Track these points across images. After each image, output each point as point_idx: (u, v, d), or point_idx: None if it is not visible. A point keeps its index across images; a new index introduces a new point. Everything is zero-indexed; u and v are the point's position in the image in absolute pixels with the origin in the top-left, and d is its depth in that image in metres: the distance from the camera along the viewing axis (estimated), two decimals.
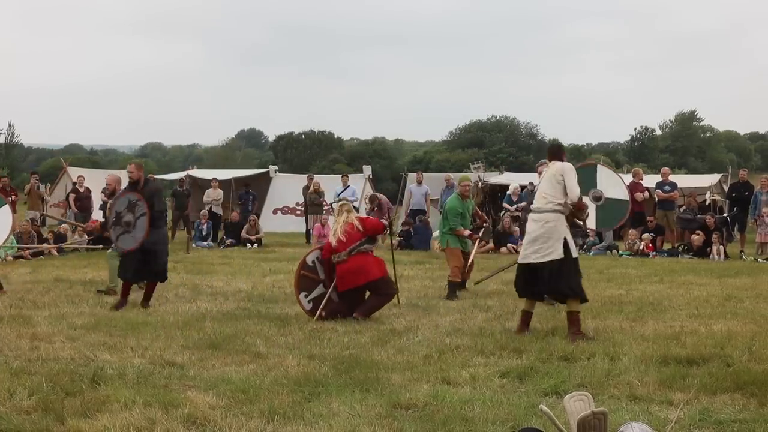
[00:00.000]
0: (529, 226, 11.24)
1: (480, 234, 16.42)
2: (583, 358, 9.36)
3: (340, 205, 13.36)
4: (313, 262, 12.88)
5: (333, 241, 12.61)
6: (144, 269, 13.56)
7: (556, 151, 11.60)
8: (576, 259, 11.07)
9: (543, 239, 10.87)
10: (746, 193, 25.83)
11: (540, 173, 12.28)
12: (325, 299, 12.51)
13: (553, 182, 11.04)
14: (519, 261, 11.36)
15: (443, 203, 27.93)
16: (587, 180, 13.23)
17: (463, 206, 15.54)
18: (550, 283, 10.90)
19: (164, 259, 13.77)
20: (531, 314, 11.28)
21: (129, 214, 13.26)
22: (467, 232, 15.45)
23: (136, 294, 13.99)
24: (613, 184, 13.69)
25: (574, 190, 10.92)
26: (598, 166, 14.31)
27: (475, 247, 16.21)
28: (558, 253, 10.78)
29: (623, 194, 13.81)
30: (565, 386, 7.97)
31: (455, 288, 14.91)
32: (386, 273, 12.75)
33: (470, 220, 15.79)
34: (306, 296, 12.63)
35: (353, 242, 12.45)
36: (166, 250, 13.96)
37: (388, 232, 14.45)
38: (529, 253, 10.99)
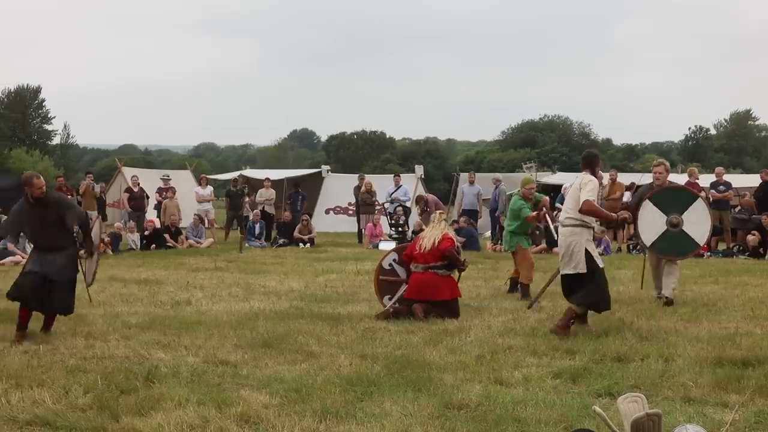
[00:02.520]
0: (559, 239, 11.45)
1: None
2: (637, 360, 9.28)
3: (439, 213, 13.43)
4: (390, 264, 12.94)
5: (426, 246, 12.54)
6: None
7: (589, 161, 11.39)
8: (601, 269, 11.09)
9: (568, 253, 11.02)
10: None
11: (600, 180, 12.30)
12: (399, 293, 12.63)
13: (575, 195, 11.04)
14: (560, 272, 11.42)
15: (493, 204, 28.06)
16: (678, 203, 13.42)
17: (524, 206, 14.91)
18: (570, 290, 11.15)
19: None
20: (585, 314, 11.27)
21: None
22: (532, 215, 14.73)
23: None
24: (698, 222, 13.44)
25: (580, 202, 10.89)
26: (700, 200, 13.77)
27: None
28: (581, 267, 10.92)
29: (700, 238, 13.58)
30: (619, 387, 7.91)
31: (528, 290, 14.49)
32: (457, 295, 12.65)
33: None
34: (390, 299, 12.71)
35: (433, 257, 12.38)
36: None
37: (461, 271, 13.26)
38: (563, 265, 11.18)
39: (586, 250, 10.91)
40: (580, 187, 10.97)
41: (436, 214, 13.52)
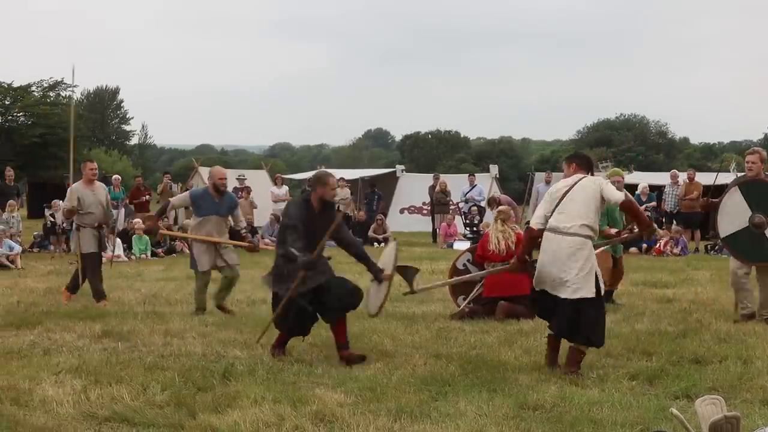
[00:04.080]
0: (551, 246, 8.86)
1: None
2: (715, 361, 9.16)
3: (498, 211, 13.37)
4: (464, 265, 12.94)
5: (500, 247, 12.51)
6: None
7: (590, 164, 9.47)
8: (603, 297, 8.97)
9: (581, 272, 8.65)
10: None
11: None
12: (473, 293, 12.62)
13: (586, 196, 8.87)
14: (538, 288, 9.03)
15: None
16: (764, 199, 11.74)
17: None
18: (571, 323, 8.75)
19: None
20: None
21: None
22: (613, 230, 12.80)
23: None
24: None
25: (613, 200, 8.91)
26: None
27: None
28: (592, 290, 8.68)
29: None
30: (696, 389, 7.82)
31: (609, 296, 12.93)
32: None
33: (621, 219, 13.51)
34: (464, 299, 12.71)
35: (510, 255, 12.33)
36: None
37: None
38: (557, 284, 8.75)
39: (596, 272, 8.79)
40: (597, 187, 8.88)
41: (495, 212, 13.44)
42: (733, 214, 11.93)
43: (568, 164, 9.38)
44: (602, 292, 8.79)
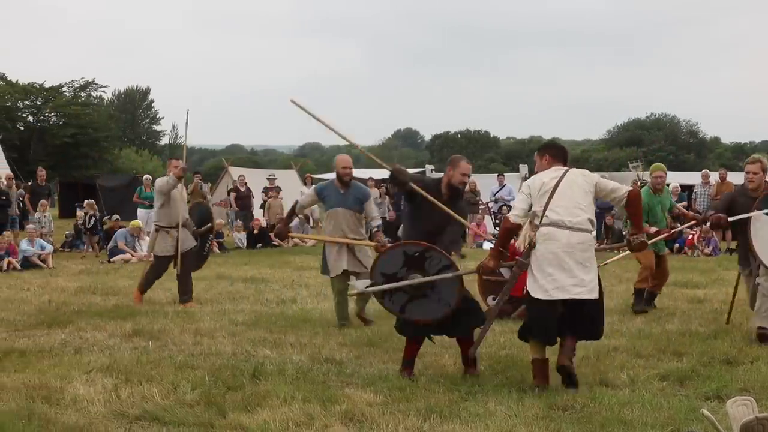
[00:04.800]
0: (560, 241, 8.16)
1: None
2: (746, 362, 9.10)
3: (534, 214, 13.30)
4: None
5: (524, 244, 12.50)
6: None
7: (567, 155, 8.77)
8: None
9: (592, 270, 8.14)
10: None
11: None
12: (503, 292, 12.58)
13: (581, 189, 8.30)
14: (556, 297, 8.06)
15: (599, 203, 27.73)
16: None
17: (653, 200, 13.06)
18: (585, 324, 8.21)
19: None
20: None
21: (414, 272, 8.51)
22: (653, 229, 12.39)
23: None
24: None
25: (614, 195, 8.34)
26: None
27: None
28: (596, 290, 8.13)
29: None
30: (728, 390, 7.77)
31: (642, 296, 12.88)
32: None
33: (663, 217, 13.20)
34: (494, 298, 12.67)
35: None
36: None
37: None
38: (570, 285, 8.01)
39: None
40: (591, 180, 8.34)
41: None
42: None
43: (540, 155, 8.68)
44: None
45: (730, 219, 10.55)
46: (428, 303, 8.45)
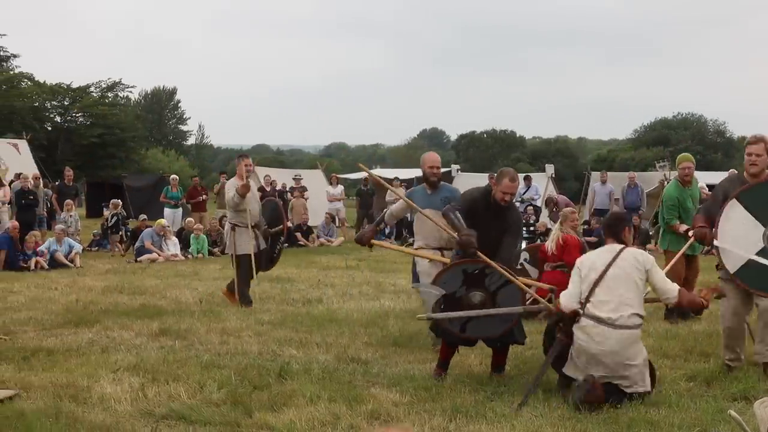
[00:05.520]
0: (599, 350, 7.58)
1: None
2: None
3: (563, 213, 13.28)
4: (520, 264, 12.87)
5: (552, 247, 12.49)
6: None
7: (619, 228, 8.08)
8: None
9: (629, 366, 7.60)
10: None
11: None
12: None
13: (635, 281, 7.70)
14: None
15: (627, 203, 27.64)
16: None
17: (683, 194, 12.16)
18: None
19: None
20: None
21: (474, 290, 8.40)
22: (683, 228, 11.47)
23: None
24: None
25: (672, 289, 7.79)
26: None
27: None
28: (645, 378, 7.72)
29: None
30: (755, 391, 7.73)
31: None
32: None
33: (696, 210, 11.72)
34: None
35: (559, 257, 12.29)
36: None
37: None
38: (611, 378, 7.58)
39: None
40: (642, 268, 7.75)
41: (564, 212, 13.37)
42: (739, 237, 8.76)
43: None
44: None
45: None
46: (489, 320, 8.32)
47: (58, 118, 67.89)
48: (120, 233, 24.54)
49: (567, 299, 7.83)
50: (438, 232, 9.72)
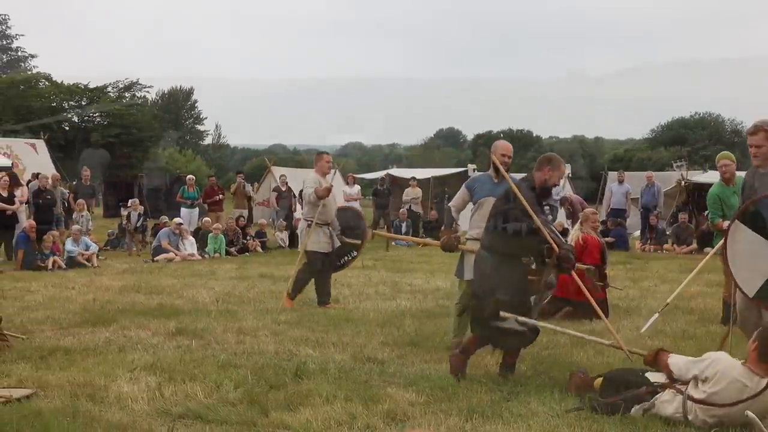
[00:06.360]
0: None
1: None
2: None
3: (583, 214, 13.26)
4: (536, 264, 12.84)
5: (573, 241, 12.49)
6: None
7: None
8: None
9: None
10: None
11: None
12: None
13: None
14: None
15: (643, 203, 27.61)
16: None
17: (724, 192, 11.66)
18: None
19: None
20: None
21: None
22: (726, 224, 9.98)
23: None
24: None
25: None
26: None
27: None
28: None
29: None
30: None
31: (727, 306, 10.76)
32: (603, 296, 12.47)
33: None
34: (534, 298, 12.62)
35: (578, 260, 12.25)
36: None
37: (602, 274, 12.86)
38: None
39: None
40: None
41: (584, 212, 13.34)
42: (750, 258, 8.25)
43: None
44: None
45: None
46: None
47: (75, 118, 68.03)
48: (144, 233, 24.70)
49: (678, 361, 7.48)
50: None
